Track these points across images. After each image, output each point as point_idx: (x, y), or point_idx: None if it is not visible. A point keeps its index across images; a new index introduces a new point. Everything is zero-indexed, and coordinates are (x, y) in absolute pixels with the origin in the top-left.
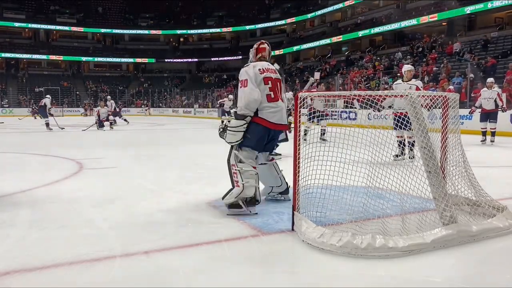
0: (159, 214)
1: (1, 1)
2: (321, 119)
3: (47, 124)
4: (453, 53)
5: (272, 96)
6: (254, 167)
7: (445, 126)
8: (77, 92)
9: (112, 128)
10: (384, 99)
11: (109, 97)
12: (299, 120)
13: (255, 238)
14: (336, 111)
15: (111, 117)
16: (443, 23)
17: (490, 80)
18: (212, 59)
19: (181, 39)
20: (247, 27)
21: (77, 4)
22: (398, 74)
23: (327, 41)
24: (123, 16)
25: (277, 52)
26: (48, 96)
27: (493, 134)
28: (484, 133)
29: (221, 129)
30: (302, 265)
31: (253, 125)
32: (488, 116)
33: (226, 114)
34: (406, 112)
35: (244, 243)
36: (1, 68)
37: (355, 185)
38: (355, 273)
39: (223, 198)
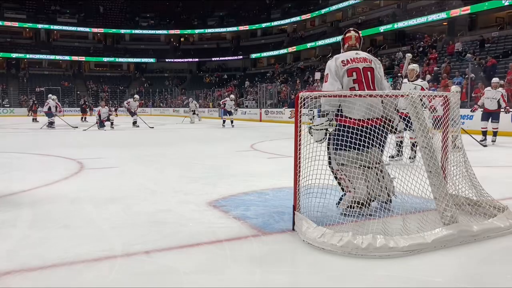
0: (159, 214)
1: (2, 1)
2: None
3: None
4: (454, 53)
5: (356, 88)
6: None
7: (446, 126)
8: (78, 92)
9: (113, 128)
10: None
11: (50, 95)
12: (300, 120)
13: (256, 238)
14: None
15: (50, 119)
16: (444, 23)
17: (496, 80)
18: (213, 59)
19: (182, 39)
20: (248, 27)
21: (78, 4)
22: (399, 74)
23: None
24: (123, 16)
25: (277, 52)
26: (136, 96)
27: (495, 134)
28: (484, 133)
29: (310, 128)
30: (303, 265)
31: (338, 126)
32: (490, 115)
33: (228, 114)
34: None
35: (244, 243)
36: (2, 68)
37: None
38: (356, 273)
39: (337, 205)
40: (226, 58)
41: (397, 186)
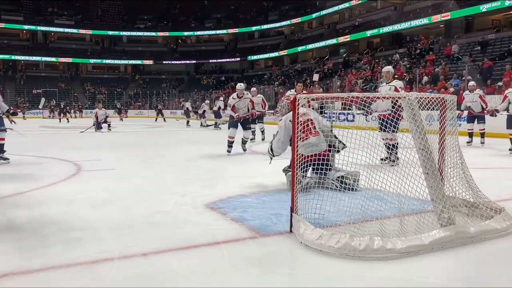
0: (157, 215)
1: None
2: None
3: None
4: (451, 55)
5: (303, 136)
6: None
7: (442, 128)
8: (75, 94)
9: (110, 129)
10: (374, 101)
11: (221, 98)
12: (298, 122)
13: (253, 240)
14: (334, 113)
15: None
16: (441, 25)
17: (472, 83)
18: (210, 60)
19: (179, 41)
20: (245, 29)
21: (75, 6)
22: (396, 76)
23: (334, 41)
24: (121, 18)
25: (274, 54)
26: (221, 99)
27: (482, 135)
28: (470, 135)
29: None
30: (300, 267)
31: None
32: (475, 118)
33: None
34: (389, 115)
35: (242, 245)
36: None
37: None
38: (353, 274)
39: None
40: (223, 60)
41: (395, 188)
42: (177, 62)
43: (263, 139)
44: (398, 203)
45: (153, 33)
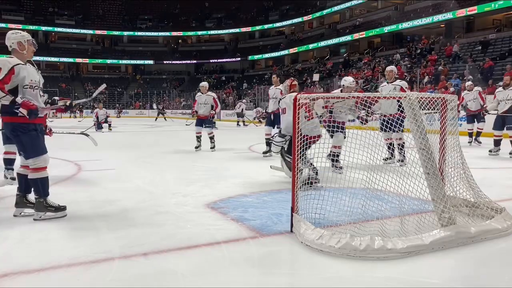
0: (157, 216)
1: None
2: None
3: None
4: (452, 55)
5: (308, 115)
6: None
7: (443, 128)
8: (76, 94)
9: (111, 129)
10: (377, 101)
11: (245, 100)
12: (298, 122)
13: (254, 239)
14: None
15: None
16: (441, 25)
17: (469, 83)
18: (211, 60)
19: (180, 41)
20: (246, 29)
21: (76, 6)
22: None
23: (348, 37)
24: (122, 18)
25: (275, 54)
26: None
27: (478, 134)
28: (470, 135)
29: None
30: (301, 267)
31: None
32: (475, 117)
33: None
34: (391, 114)
35: (242, 245)
36: None
37: (354, 186)
38: (353, 274)
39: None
40: (224, 60)
41: (395, 188)
42: (177, 62)
43: (212, 148)
44: (399, 203)
45: (154, 33)
